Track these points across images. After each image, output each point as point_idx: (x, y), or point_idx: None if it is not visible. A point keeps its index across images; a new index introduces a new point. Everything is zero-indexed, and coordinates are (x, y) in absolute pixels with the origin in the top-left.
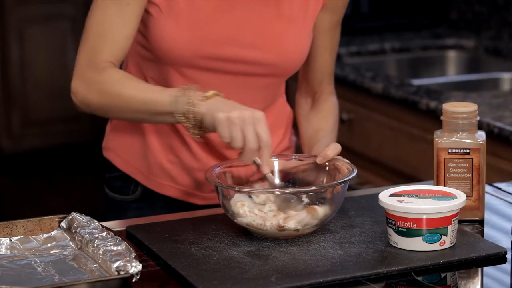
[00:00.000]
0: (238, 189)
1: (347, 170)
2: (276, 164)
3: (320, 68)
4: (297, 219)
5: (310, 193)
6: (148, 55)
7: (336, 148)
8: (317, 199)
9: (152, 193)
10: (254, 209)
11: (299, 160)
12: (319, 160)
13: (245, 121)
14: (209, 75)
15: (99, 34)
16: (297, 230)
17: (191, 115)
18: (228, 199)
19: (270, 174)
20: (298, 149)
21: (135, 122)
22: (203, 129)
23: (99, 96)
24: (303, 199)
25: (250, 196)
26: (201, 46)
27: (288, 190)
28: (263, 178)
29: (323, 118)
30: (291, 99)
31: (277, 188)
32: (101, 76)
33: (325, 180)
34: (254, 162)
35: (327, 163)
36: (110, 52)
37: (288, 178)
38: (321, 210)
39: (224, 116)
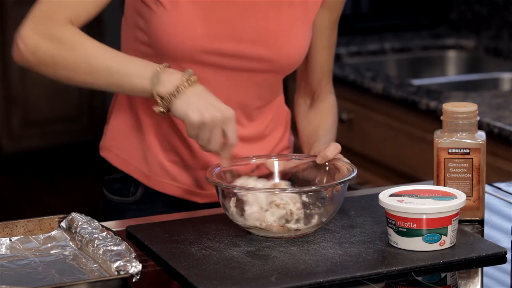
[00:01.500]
0: (238, 189)
1: (347, 170)
2: (276, 164)
3: (319, 67)
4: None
5: (310, 193)
6: (149, 52)
7: (336, 148)
8: (317, 199)
9: (152, 193)
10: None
11: (299, 159)
12: (318, 161)
13: (215, 123)
14: (209, 70)
15: None
16: (298, 230)
17: (169, 99)
18: (228, 199)
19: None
20: (297, 149)
21: (130, 120)
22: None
23: (53, 46)
24: (303, 198)
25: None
26: (203, 41)
27: (288, 190)
28: (263, 176)
29: (322, 116)
30: (290, 100)
31: (277, 188)
32: (61, 28)
33: (325, 180)
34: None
35: (327, 163)
36: (73, 11)
37: (289, 178)
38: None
39: (197, 119)
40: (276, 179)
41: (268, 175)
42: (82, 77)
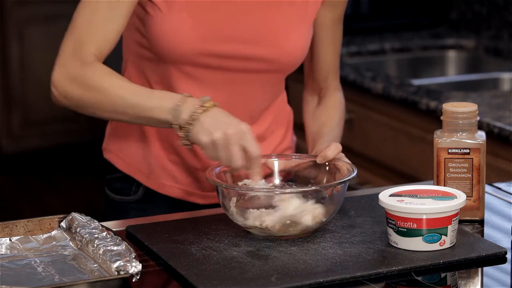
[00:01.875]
0: (238, 189)
1: (347, 170)
2: (276, 164)
3: (324, 64)
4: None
5: (309, 193)
6: (148, 55)
7: (336, 148)
8: (317, 199)
9: (153, 193)
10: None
11: (299, 159)
12: (319, 160)
13: (228, 140)
14: (209, 72)
15: (86, 26)
16: (298, 230)
17: (187, 129)
18: (229, 199)
19: (261, 181)
20: (299, 149)
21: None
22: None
23: (80, 90)
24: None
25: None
26: (202, 43)
27: (288, 190)
28: (264, 176)
29: (328, 113)
30: (292, 100)
31: (277, 188)
32: (86, 69)
33: (325, 180)
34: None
35: (327, 163)
36: (96, 45)
37: (290, 177)
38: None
39: (207, 140)
40: (277, 180)
41: (270, 175)
42: (110, 115)
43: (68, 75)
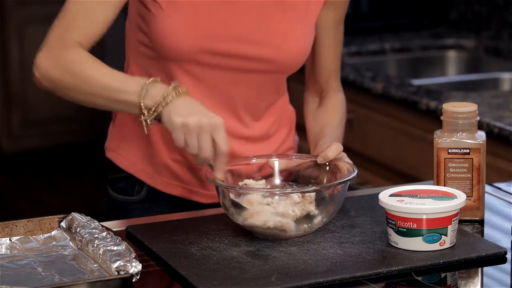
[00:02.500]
0: (238, 189)
1: (347, 170)
2: (277, 164)
3: (326, 65)
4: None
5: (309, 193)
6: (150, 53)
7: (337, 149)
8: (317, 199)
9: (156, 193)
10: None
11: (300, 159)
12: (319, 161)
13: (202, 129)
14: (211, 71)
15: (74, 14)
16: (298, 230)
17: (156, 110)
18: (229, 199)
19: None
20: (301, 150)
21: (134, 121)
22: (159, 123)
23: (61, 73)
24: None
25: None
26: (204, 42)
27: (288, 190)
28: (265, 176)
29: (329, 114)
30: (293, 100)
31: (277, 188)
32: (67, 52)
33: (325, 180)
34: (209, 165)
35: (328, 163)
36: (82, 33)
37: (291, 177)
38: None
39: (180, 121)
40: (277, 180)
41: (271, 174)
42: (85, 97)
43: (50, 59)
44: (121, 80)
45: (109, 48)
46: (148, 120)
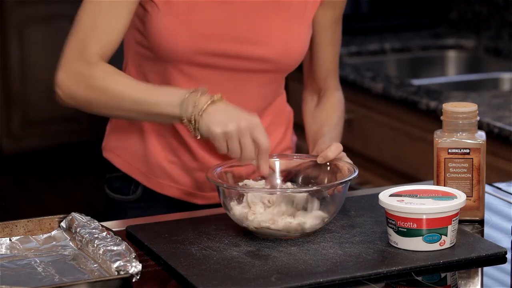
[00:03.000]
0: (239, 189)
1: (348, 170)
2: (278, 164)
3: (324, 64)
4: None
5: (310, 193)
6: (147, 54)
7: (337, 148)
8: (318, 199)
9: (152, 193)
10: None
11: (300, 159)
12: (319, 161)
13: (241, 132)
14: (209, 72)
15: (89, 26)
16: (299, 230)
17: (194, 120)
18: (230, 199)
19: (261, 181)
20: (299, 150)
21: (131, 121)
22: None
23: (86, 90)
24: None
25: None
26: (200, 42)
27: (288, 190)
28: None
29: (327, 113)
30: (291, 100)
31: (278, 188)
32: (90, 69)
33: (326, 179)
34: (252, 162)
35: (328, 163)
36: (99, 45)
37: (291, 177)
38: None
39: (220, 131)
40: (278, 180)
41: (270, 174)
42: (115, 113)
43: (72, 76)
44: (153, 92)
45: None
46: (196, 135)
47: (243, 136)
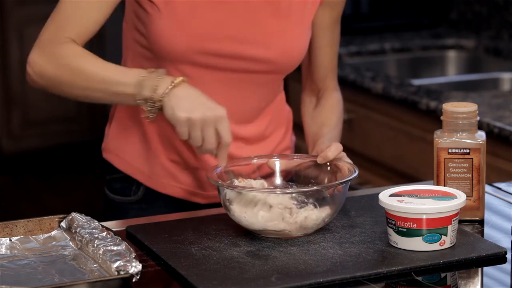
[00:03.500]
0: (240, 189)
1: (348, 170)
2: (278, 164)
3: (322, 64)
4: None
5: (310, 193)
6: (147, 54)
7: (337, 149)
8: (318, 199)
9: (154, 193)
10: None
11: (300, 159)
12: (319, 161)
13: (206, 122)
14: (208, 72)
15: (68, 13)
16: (299, 230)
17: (153, 102)
18: (229, 199)
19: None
20: (298, 150)
21: (132, 121)
22: (160, 115)
23: (56, 68)
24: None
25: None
26: (200, 43)
27: (288, 190)
28: (265, 176)
29: (326, 114)
30: (291, 100)
31: (278, 188)
32: (61, 48)
33: (326, 180)
34: (212, 154)
35: (328, 163)
36: (75, 31)
37: (291, 177)
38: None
39: (185, 116)
40: (278, 179)
41: (270, 174)
42: (82, 92)
43: (44, 54)
44: (118, 72)
45: (109, 48)
46: (148, 114)
47: (206, 125)
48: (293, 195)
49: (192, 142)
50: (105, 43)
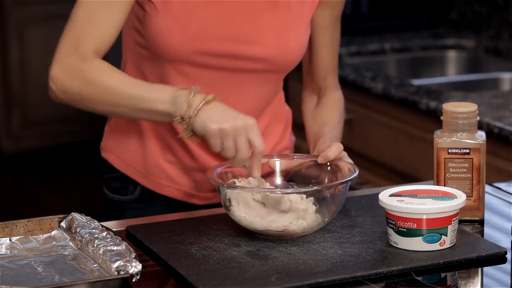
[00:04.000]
0: (240, 189)
1: (348, 170)
2: (278, 164)
3: (323, 64)
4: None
5: (310, 193)
6: (146, 54)
7: (338, 149)
8: (318, 199)
9: (151, 193)
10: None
11: (300, 159)
12: (320, 161)
13: (237, 132)
14: (207, 72)
15: (84, 23)
16: (300, 229)
17: (188, 119)
18: (230, 199)
19: (259, 177)
20: (298, 149)
21: (130, 121)
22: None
23: (79, 84)
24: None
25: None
26: (198, 42)
27: (288, 190)
28: (265, 176)
29: (327, 113)
30: (291, 99)
31: (278, 188)
32: (85, 64)
33: (326, 179)
34: (244, 166)
35: (329, 163)
36: (94, 42)
37: (291, 177)
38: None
39: (217, 127)
40: (278, 180)
41: (271, 174)
42: (107, 108)
43: (67, 70)
44: (147, 89)
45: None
46: (185, 132)
47: (239, 135)
48: (293, 195)
49: (226, 153)
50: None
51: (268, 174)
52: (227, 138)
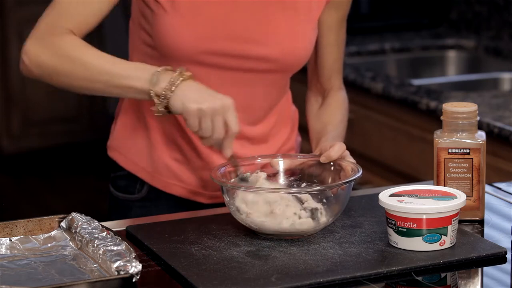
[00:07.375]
0: (243, 189)
1: (352, 170)
2: (281, 163)
3: (328, 65)
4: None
5: (314, 192)
6: (153, 53)
7: (340, 148)
8: (321, 198)
9: (157, 191)
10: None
11: (304, 159)
12: (322, 160)
13: (215, 111)
14: (214, 71)
15: (68, 4)
16: (304, 229)
17: (165, 96)
18: (233, 199)
19: (235, 159)
20: (303, 151)
21: (137, 120)
22: (168, 109)
23: (53, 58)
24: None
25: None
26: (206, 42)
27: (292, 190)
28: (269, 176)
29: (331, 112)
30: (294, 101)
31: (282, 188)
32: (61, 39)
33: (330, 179)
34: (217, 144)
35: (331, 162)
36: (74, 21)
37: (294, 176)
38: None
39: (195, 107)
40: (282, 179)
41: (275, 173)
42: (81, 83)
43: (42, 45)
44: (124, 66)
45: (109, 48)
46: (158, 108)
47: (217, 115)
48: (297, 194)
49: (202, 133)
50: (106, 43)
51: (272, 174)
52: (205, 118)
